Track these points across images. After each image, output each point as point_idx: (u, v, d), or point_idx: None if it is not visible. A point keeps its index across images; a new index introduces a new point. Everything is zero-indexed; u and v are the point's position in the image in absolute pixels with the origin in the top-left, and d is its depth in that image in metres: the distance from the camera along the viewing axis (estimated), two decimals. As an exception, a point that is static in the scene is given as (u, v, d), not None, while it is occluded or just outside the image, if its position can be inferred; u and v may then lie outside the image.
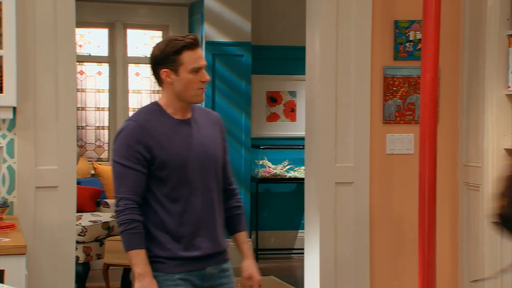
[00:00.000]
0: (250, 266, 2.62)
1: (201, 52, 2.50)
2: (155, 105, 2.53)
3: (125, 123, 2.49)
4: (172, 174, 2.45)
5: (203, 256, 2.50)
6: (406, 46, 3.90)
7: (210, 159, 2.53)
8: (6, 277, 2.66)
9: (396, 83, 3.89)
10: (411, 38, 3.90)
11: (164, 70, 2.47)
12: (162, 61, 2.46)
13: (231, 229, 2.67)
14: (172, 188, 2.46)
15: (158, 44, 2.51)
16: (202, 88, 2.48)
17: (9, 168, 3.41)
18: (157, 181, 2.46)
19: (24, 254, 2.73)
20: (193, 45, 2.45)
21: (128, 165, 2.43)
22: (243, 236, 2.66)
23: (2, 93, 3.20)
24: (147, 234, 2.47)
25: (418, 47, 3.87)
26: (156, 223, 2.47)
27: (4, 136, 3.41)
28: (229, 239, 2.65)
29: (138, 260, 2.40)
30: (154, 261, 2.47)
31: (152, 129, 2.46)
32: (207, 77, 2.49)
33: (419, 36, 3.87)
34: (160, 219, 2.46)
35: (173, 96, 2.49)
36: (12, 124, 3.41)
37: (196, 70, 2.46)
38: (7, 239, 2.77)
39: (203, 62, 2.48)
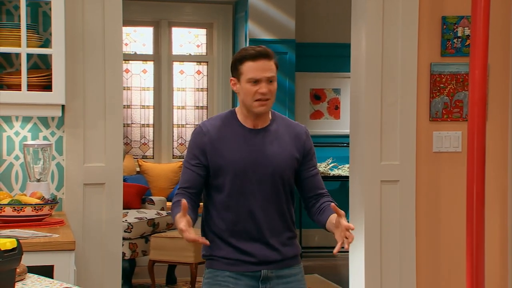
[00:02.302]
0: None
1: (268, 64, 2.45)
2: (230, 112, 2.58)
3: (196, 127, 2.60)
4: (227, 182, 2.48)
5: (257, 262, 2.51)
6: (454, 43, 3.83)
7: (273, 171, 2.50)
8: (55, 272, 2.70)
9: (444, 80, 3.83)
10: (459, 34, 3.83)
11: (231, 78, 2.53)
12: (232, 69, 2.52)
13: (322, 219, 2.49)
14: (227, 195, 2.49)
15: None
16: (259, 100, 2.45)
17: (58, 165, 3.47)
18: (214, 188, 2.52)
19: (73, 250, 2.75)
20: (255, 56, 2.44)
21: (186, 166, 2.54)
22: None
23: (51, 91, 3.25)
24: (206, 236, 2.52)
25: (467, 43, 3.80)
26: (213, 228, 2.54)
27: (53, 134, 3.47)
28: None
29: (175, 221, 2.40)
30: (209, 259, 2.56)
31: (215, 135, 2.50)
32: (263, 89, 2.44)
33: (467, 32, 3.80)
34: (216, 225, 2.52)
35: (241, 104, 2.54)
36: (60, 122, 3.47)
37: (255, 81, 2.45)
38: (56, 235, 2.81)
39: (263, 74, 2.44)
